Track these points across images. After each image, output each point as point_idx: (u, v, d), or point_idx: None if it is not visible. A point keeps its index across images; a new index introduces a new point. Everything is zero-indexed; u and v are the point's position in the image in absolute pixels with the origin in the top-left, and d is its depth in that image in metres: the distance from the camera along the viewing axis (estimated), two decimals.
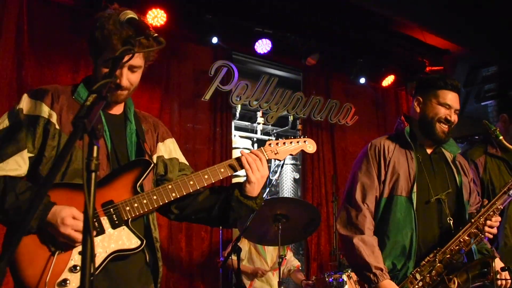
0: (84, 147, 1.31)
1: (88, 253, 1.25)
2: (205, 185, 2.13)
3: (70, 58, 4.94)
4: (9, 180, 1.89)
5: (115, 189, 1.99)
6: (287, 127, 7.15)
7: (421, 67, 7.70)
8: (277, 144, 2.31)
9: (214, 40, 5.60)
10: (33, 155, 1.97)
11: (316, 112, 6.55)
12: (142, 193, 2.03)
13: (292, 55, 6.51)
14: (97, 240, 1.92)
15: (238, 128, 6.85)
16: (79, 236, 1.82)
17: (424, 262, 2.65)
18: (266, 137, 7.09)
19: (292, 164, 7.17)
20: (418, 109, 2.90)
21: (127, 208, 1.98)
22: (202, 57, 5.88)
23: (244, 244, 5.19)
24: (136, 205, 1.99)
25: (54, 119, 1.99)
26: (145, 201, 2.01)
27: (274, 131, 7.26)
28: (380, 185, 2.79)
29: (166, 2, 5.15)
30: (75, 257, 1.87)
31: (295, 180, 6.99)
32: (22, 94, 2.06)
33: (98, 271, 1.88)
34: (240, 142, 6.54)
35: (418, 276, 2.62)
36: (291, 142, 2.34)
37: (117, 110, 2.19)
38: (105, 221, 1.94)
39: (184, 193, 2.09)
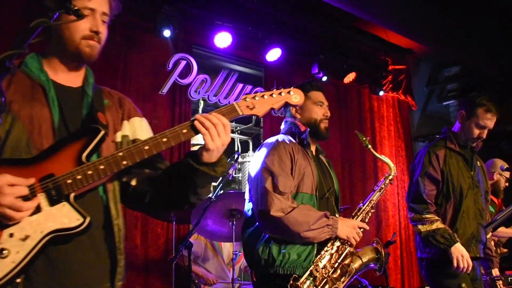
0: None
1: None
2: (163, 149, 1.81)
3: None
4: None
5: (57, 161, 1.71)
6: (250, 124, 7.10)
7: (383, 65, 7.76)
8: (254, 97, 1.90)
9: (167, 33, 5.49)
10: None
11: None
12: (88, 163, 1.73)
13: (253, 50, 6.45)
14: (32, 220, 1.64)
15: None
16: (20, 206, 1.59)
17: (323, 252, 2.87)
18: (230, 135, 7.01)
19: None
20: (298, 116, 3.16)
21: (69, 181, 1.69)
22: (161, 49, 5.75)
23: (201, 241, 5.13)
24: (79, 177, 1.69)
25: None
26: (90, 172, 1.71)
27: (238, 128, 7.20)
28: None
29: None
30: (4, 240, 1.61)
31: None
32: None
33: (31, 257, 1.61)
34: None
35: (320, 264, 2.84)
36: (271, 94, 1.92)
37: (75, 81, 1.95)
38: (42, 198, 1.66)
39: (138, 160, 1.77)
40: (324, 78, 6.91)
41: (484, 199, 3.68)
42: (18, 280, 1.61)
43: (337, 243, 2.92)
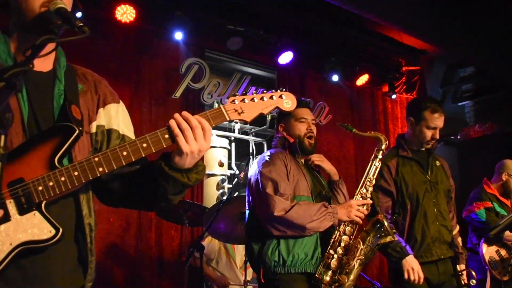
0: None
1: None
2: (143, 155, 1.65)
3: None
4: None
5: (27, 164, 1.55)
6: (265, 126, 7.12)
7: (397, 67, 7.74)
8: (242, 100, 1.74)
9: (179, 36, 5.56)
10: None
11: None
12: (60, 168, 1.58)
13: (265, 53, 6.50)
14: (1, 230, 1.50)
15: (215, 127, 6.77)
16: None
17: (332, 240, 3.09)
18: (244, 136, 7.06)
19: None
20: (285, 133, 3.36)
21: (40, 188, 1.54)
22: (174, 54, 5.83)
23: (215, 244, 5.16)
24: (51, 184, 1.55)
25: None
26: (63, 179, 1.56)
27: (252, 130, 7.22)
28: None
29: None
30: None
31: None
32: None
33: (1, 269, 1.48)
34: (217, 141, 6.49)
35: (331, 251, 3.06)
36: (262, 98, 1.75)
37: (45, 65, 1.72)
38: (11, 205, 1.51)
39: (115, 167, 1.62)
40: (336, 79, 6.92)
41: (447, 197, 3.80)
42: None
43: (344, 227, 3.12)
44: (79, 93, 1.77)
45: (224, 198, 4.19)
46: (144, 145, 1.64)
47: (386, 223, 3.16)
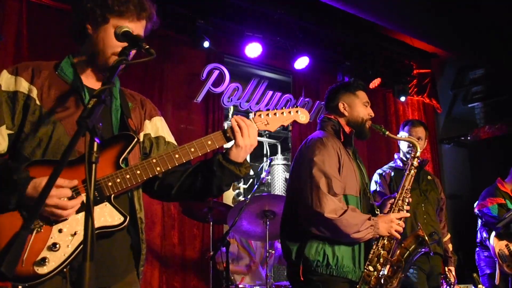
0: (86, 143, 1.51)
1: (89, 233, 1.42)
2: (191, 158, 2.01)
3: None
4: None
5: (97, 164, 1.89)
6: (279, 128, 7.34)
7: (408, 70, 7.93)
8: (267, 114, 2.16)
9: (206, 44, 5.82)
10: (12, 132, 1.93)
11: None
12: (125, 168, 1.94)
13: (282, 58, 6.74)
14: (78, 218, 1.84)
15: None
16: (65, 205, 1.78)
17: (370, 255, 2.97)
18: (258, 138, 7.23)
19: (283, 164, 7.39)
20: (346, 113, 3.18)
21: (109, 183, 1.89)
22: (195, 60, 6.11)
23: (233, 242, 5.40)
24: (118, 180, 1.90)
25: (34, 94, 1.95)
26: (128, 176, 1.92)
27: (266, 131, 7.45)
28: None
29: (160, 8, 5.37)
30: (55, 235, 1.81)
31: (286, 179, 7.18)
32: None
33: (79, 250, 1.81)
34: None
35: (371, 268, 2.95)
36: (282, 113, 2.19)
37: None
38: (86, 197, 1.75)
39: (170, 167, 1.99)
40: None
41: (436, 206, 4.32)
42: (65, 270, 1.82)
43: (382, 241, 3.00)
44: (130, 109, 2.18)
45: (241, 198, 4.42)
46: (192, 149, 2.02)
47: (426, 238, 3.11)
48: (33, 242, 1.78)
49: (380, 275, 2.93)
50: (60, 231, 1.82)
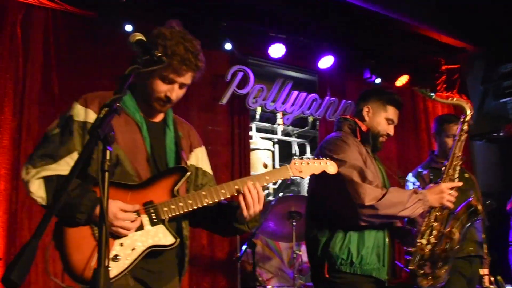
0: (99, 152, 1.57)
1: (103, 239, 1.50)
2: (235, 195, 2.29)
3: (93, 67, 5.27)
4: (61, 179, 2.11)
5: (155, 191, 2.21)
6: (307, 128, 7.33)
7: (436, 66, 7.80)
8: (301, 163, 2.44)
9: (228, 46, 5.85)
10: None
11: (331, 112, 6.72)
12: (179, 196, 2.23)
13: (306, 57, 6.71)
14: (137, 235, 2.15)
15: (259, 130, 7.06)
16: (130, 227, 2.09)
17: (423, 228, 2.99)
18: (287, 138, 7.30)
19: None
20: (367, 118, 3.17)
21: (165, 208, 2.19)
22: (219, 62, 6.13)
23: (258, 244, 5.40)
24: (173, 206, 2.19)
25: None
26: (181, 204, 2.21)
27: (295, 131, 7.45)
28: None
29: (183, 12, 5.43)
30: (117, 248, 2.11)
31: None
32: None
33: (136, 262, 2.12)
34: (261, 143, 6.74)
35: (424, 241, 2.98)
36: (314, 162, 2.47)
37: (158, 117, 2.41)
38: (145, 219, 2.17)
39: (216, 200, 2.26)
40: (378, 81, 7.07)
41: None
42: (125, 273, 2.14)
43: (435, 213, 2.98)
44: (180, 138, 2.45)
45: (270, 198, 4.43)
46: (236, 187, 2.28)
47: (479, 207, 3.06)
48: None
49: (433, 246, 2.94)
50: (121, 245, 2.12)
